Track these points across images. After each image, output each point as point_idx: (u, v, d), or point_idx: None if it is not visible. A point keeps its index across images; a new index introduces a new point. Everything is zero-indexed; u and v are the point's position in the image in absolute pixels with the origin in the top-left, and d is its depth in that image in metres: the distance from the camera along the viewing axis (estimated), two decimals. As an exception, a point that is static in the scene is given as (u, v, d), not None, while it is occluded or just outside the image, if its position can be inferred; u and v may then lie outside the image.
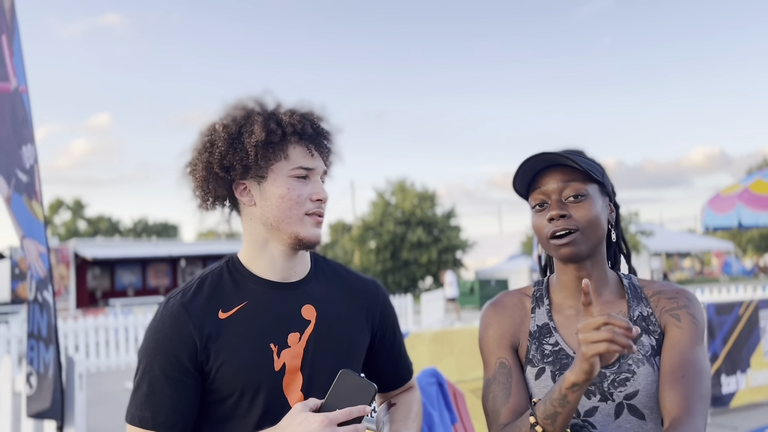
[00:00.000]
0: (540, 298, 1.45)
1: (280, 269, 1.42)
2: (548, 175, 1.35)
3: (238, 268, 1.43)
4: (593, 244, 1.35)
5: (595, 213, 1.33)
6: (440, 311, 15.84)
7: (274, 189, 1.37)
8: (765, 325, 6.70)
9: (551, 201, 1.34)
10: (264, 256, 1.41)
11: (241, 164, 1.36)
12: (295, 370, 1.36)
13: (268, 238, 1.40)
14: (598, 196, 1.36)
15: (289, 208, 1.37)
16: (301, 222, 1.38)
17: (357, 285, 1.54)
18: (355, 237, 38.75)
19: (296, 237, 1.38)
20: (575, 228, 1.32)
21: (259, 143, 1.34)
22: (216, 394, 1.34)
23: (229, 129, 1.37)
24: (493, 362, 1.40)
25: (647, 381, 1.30)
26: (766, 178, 11.37)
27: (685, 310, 1.36)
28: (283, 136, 1.36)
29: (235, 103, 1.41)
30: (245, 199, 1.40)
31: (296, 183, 1.38)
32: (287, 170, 1.37)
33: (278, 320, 1.38)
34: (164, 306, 1.36)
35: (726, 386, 6.30)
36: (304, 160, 1.39)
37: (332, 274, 1.53)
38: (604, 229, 1.36)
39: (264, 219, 1.39)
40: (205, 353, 1.31)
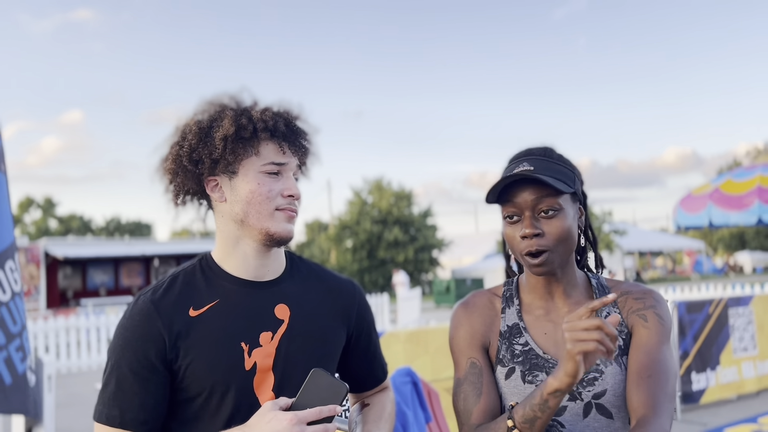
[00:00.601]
0: (510, 298, 1.45)
1: (253, 267, 1.40)
2: (521, 187, 1.33)
3: (211, 266, 1.41)
4: (565, 258, 1.36)
5: (568, 226, 1.33)
6: (417, 310, 15.87)
7: (244, 184, 1.36)
8: (734, 322, 6.82)
9: (524, 216, 1.33)
10: (236, 254, 1.40)
11: (210, 158, 1.34)
12: (266, 370, 1.35)
13: (240, 235, 1.39)
14: (570, 206, 1.36)
15: (259, 203, 1.35)
16: (271, 217, 1.36)
17: (334, 285, 1.53)
18: (331, 236, 38.69)
19: (266, 232, 1.36)
20: (548, 248, 1.31)
21: (228, 137, 1.33)
22: (185, 393, 1.32)
23: (200, 123, 1.36)
24: (464, 362, 1.40)
25: (615, 380, 1.32)
26: (736, 179, 11.59)
27: (652, 310, 1.37)
28: (254, 132, 1.35)
29: (210, 98, 1.40)
30: (216, 195, 1.39)
31: (267, 178, 1.36)
32: (258, 166, 1.36)
33: (250, 319, 1.36)
34: (134, 304, 1.35)
35: (696, 383, 6.40)
36: (275, 156, 1.37)
37: (308, 274, 1.51)
38: (576, 238, 1.37)
39: (234, 215, 1.37)
40: (174, 351, 1.30)
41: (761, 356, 7.04)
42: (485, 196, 1.35)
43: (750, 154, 52.94)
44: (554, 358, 1.35)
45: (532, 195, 1.31)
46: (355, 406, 1.62)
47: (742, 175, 11.58)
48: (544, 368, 1.35)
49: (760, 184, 10.87)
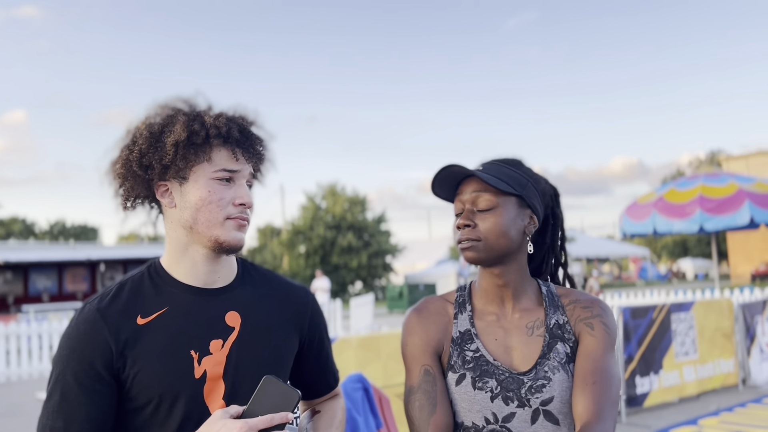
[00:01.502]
0: (462, 304, 1.47)
1: (203, 274, 1.38)
2: (466, 184, 1.42)
3: (160, 273, 1.38)
4: (498, 253, 1.39)
5: (501, 224, 1.38)
6: (369, 316, 15.86)
7: (194, 191, 1.33)
8: (676, 327, 7.04)
9: (464, 210, 1.41)
10: (185, 261, 1.37)
11: (160, 164, 1.32)
12: (216, 378, 1.33)
13: (189, 242, 1.36)
14: (512, 208, 1.40)
15: (210, 211, 1.33)
16: (221, 225, 1.34)
17: (286, 291, 1.51)
18: (284, 241, 38.35)
19: (216, 240, 1.34)
20: (477, 238, 1.38)
21: (179, 143, 1.31)
22: (133, 403, 1.29)
23: (152, 127, 1.34)
24: (417, 369, 1.40)
25: (562, 387, 1.34)
26: (679, 188, 11.97)
27: (598, 319, 1.41)
28: (206, 138, 1.33)
29: (163, 102, 1.38)
30: (166, 200, 1.36)
31: (218, 186, 1.34)
32: (209, 172, 1.33)
33: (200, 327, 1.34)
34: (80, 312, 1.31)
35: (640, 387, 6.57)
36: (227, 162, 1.35)
37: (260, 280, 1.49)
38: (513, 239, 1.40)
39: (183, 222, 1.35)
40: (122, 360, 1.27)
41: (702, 360, 7.29)
42: (431, 188, 1.44)
43: (692, 164, 54.82)
44: (504, 364, 1.37)
45: (473, 191, 1.40)
46: (306, 413, 1.61)
47: (685, 185, 11.98)
48: (494, 375, 1.36)
49: (702, 193, 11.26)
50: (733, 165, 39.86)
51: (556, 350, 1.38)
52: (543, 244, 1.53)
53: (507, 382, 1.35)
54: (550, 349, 1.38)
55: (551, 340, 1.39)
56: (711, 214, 10.99)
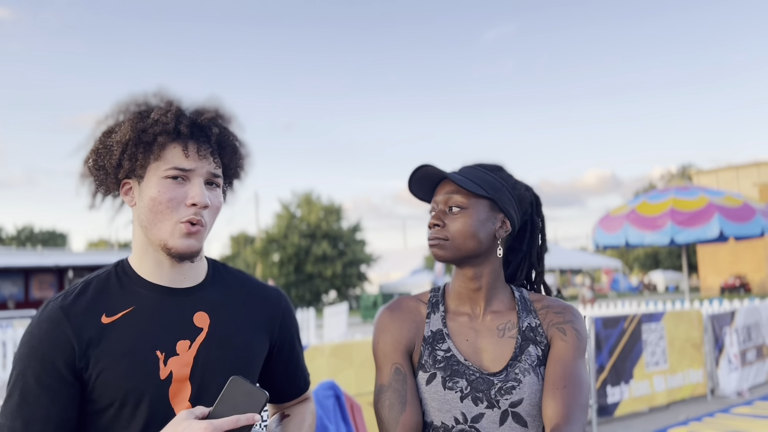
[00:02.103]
0: (436, 304, 1.47)
1: (168, 274, 1.34)
2: (441, 186, 1.45)
3: (127, 271, 1.35)
4: (465, 254, 1.41)
5: (469, 225, 1.40)
6: (343, 325, 15.79)
7: (147, 190, 1.29)
8: (647, 338, 7.11)
9: (437, 210, 1.44)
10: (148, 260, 1.34)
11: (110, 164, 1.30)
12: (183, 380, 1.29)
13: (148, 242, 1.33)
14: (483, 210, 1.41)
15: (160, 212, 1.27)
16: (171, 230, 1.28)
17: (258, 293, 1.48)
18: (258, 249, 38.12)
19: (165, 246, 1.29)
20: (445, 237, 1.41)
21: (126, 142, 1.27)
22: (96, 404, 1.25)
23: (106, 127, 1.32)
24: (388, 367, 1.40)
25: (532, 390, 1.35)
26: (651, 201, 12.14)
27: (570, 324, 1.43)
28: (155, 135, 1.27)
29: (122, 100, 1.34)
30: (127, 198, 1.34)
31: (169, 185, 1.27)
32: (161, 171, 1.28)
33: (166, 327, 1.30)
34: (42, 310, 1.27)
35: (611, 396, 6.61)
36: (179, 160, 1.28)
37: (231, 281, 1.45)
38: (482, 241, 1.41)
39: (141, 221, 1.32)
40: (85, 360, 1.23)
41: (671, 370, 7.37)
42: (408, 186, 1.47)
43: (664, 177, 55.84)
44: (474, 365, 1.37)
45: (446, 192, 1.43)
46: (275, 417, 1.58)
47: (657, 198, 12.15)
48: (464, 375, 1.36)
49: (673, 206, 11.43)
50: (704, 179, 40.67)
51: (528, 352, 1.39)
52: (519, 251, 1.54)
53: (477, 382, 1.35)
54: (522, 351, 1.39)
55: (523, 342, 1.40)
56: (682, 226, 11.16)
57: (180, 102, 1.33)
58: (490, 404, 1.34)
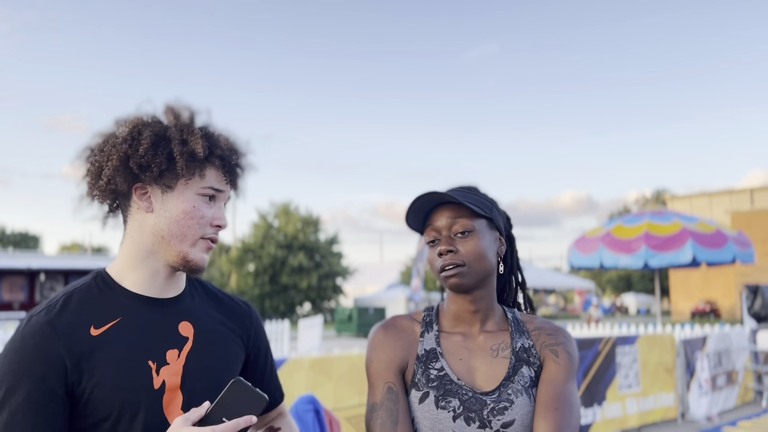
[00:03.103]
0: (430, 324, 1.48)
1: (158, 285, 1.36)
2: (439, 212, 1.43)
3: (108, 282, 1.34)
4: (480, 276, 1.42)
5: (481, 247, 1.41)
6: (317, 338, 15.69)
7: (178, 203, 1.33)
8: (621, 360, 7.19)
9: (441, 237, 1.42)
10: (144, 268, 1.35)
11: (159, 168, 1.30)
12: (175, 389, 1.30)
13: (154, 251, 1.34)
14: (486, 230, 1.44)
15: (189, 226, 1.33)
16: (194, 244, 1.34)
17: (230, 305, 1.52)
18: (233, 259, 37.77)
19: (184, 258, 1.34)
20: (462, 262, 1.40)
21: (188, 155, 1.31)
22: (90, 418, 1.23)
23: (161, 128, 1.33)
24: (381, 386, 1.40)
25: (524, 411, 1.36)
26: (626, 224, 12.30)
27: (562, 346, 1.45)
28: (209, 156, 1.34)
29: (173, 105, 1.38)
30: (144, 203, 1.34)
31: (202, 202, 1.34)
32: (198, 187, 1.34)
33: (155, 336, 1.31)
34: (26, 325, 1.24)
35: (584, 418, 6.67)
36: (216, 182, 1.36)
37: (206, 293, 1.49)
38: (492, 261, 1.44)
39: (157, 229, 1.33)
40: (77, 374, 1.21)
41: (644, 393, 7.45)
42: (405, 218, 1.45)
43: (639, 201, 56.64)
44: (467, 384, 1.38)
45: (448, 217, 1.42)
46: (262, 431, 1.58)
47: (632, 221, 12.32)
48: (457, 394, 1.37)
49: (648, 230, 11.60)
50: (678, 205, 41.33)
51: (521, 373, 1.40)
52: (506, 266, 1.57)
53: (470, 402, 1.36)
54: (516, 371, 1.40)
55: (517, 363, 1.41)
56: (656, 251, 11.32)
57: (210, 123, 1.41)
58: (482, 424, 1.35)
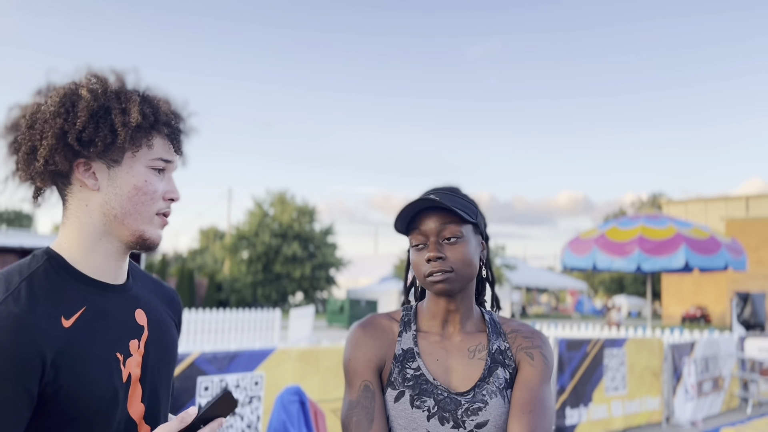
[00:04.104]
0: (408, 323, 1.49)
1: (113, 269, 1.27)
2: (427, 216, 1.42)
3: (65, 266, 1.21)
4: (467, 281, 1.44)
5: (469, 253, 1.42)
6: (308, 328, 15.71)
7: (128, 177, 1.23)
8: (608, 362, 7.22)
9: (429, 242, 1.42)
10: (97, 252, 1.24)
11: (104, 142, 1.19)
12: (136, 381, 1.24)
13: (106, 232, 1.24)
14: (472, 236, 1.44)
15: (142, 203, 1.24)
16: (149, 221, 1.26)
17: (166, 291, 1.47)
18: (227, 245, 37.78)
19: (140, 236, 1.25)
20: (450, 269, 1.40)
21: (132, 125, 1.20)
22: (63, 416, 1.13)
23: (95, 98, 1.21)
24: (358, 384, 1.41)
25: (497, 412, 1.37)
26: (620, 227, 12.34)
27: (538, 350, 1.46)
28: (154, 124, 1.24)
29: (96, 71, 1.26)
30: (88, 181, 1.22)
31: (153, 176, 1.25)
32: (147, 159, 1.24)
33: (119, 327, 1.24)
34: None
35: (569, 418, 6.70)
36: (164, 152, 1.27)
37: (144, 278, 1.42)
38: (477, 266, 1.45)
39: (107, 208, 1.23)
40: (54, 370, 1.11)
41: (630, 396, 7.49)
42: (394, 223, 1.43)
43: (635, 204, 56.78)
44: (443, 384, 1.39)
45: (436, 222, 1.41)
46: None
47: (627, 224, 12.36)
48: (432, 394, 1.38)
49: (642, 234, 11.64)
50: (673, 209, 41.41)
51: (496, 375, 1.41)
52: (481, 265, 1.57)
53: (445, 402, 1.37)
54: (491, 373, 1.41)
55: (492, 365, 1.42)
56: (649, 254, 11.37)
57: (149, 87, 1.30)
58: (456, 424, 1.36)
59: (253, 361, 4.22)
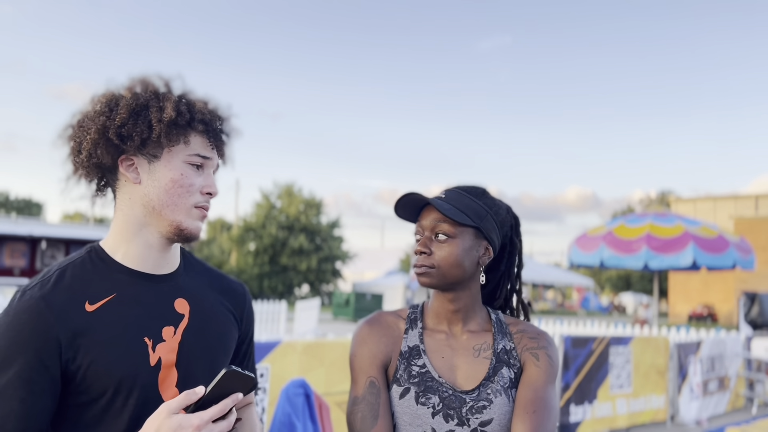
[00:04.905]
0: (414, 321, 1.51)
1: (153, 259, 1.34)
2: (428, 211, 1.46)
3: (102, 257, 1.32)
4: (450, 281, 1.45)
5: (455, 255, 1.43)
6: (314, 321, 15.75)
7: (166, 171, 1.31)
8: (614, 360, 7.21)
9: (423, 236, 1.45)
10: (137, 242, 1.33)
11: (140, 137, 1.29)
12: (170, 366, 1.29)
13: (146, 223, 1.33)
14: (468, 239, 1.44)
15: (179, 195, 1.31)
16: (187, 212, 1.33)
17: (225, 284, 1.50)
18: (234, 237, 37.89)
19: (178, 227, 1.32)
20: (432, 265, 1.43)
21: (166, 121, 1.29)
22: (86, 395, 1.22)
23: (136, 98, 1.31)
24: (363, 380, 1.42)
25: (502, 411, 1.38)
26: (628, 224, 12.30)
27: (544, 350, 1.47)
28: (190, 121, 1.32)
29: (143, 77, 1.36)
30: (131, 175, 1.32)
31: (190, 170, 1.33)
32: (184, 155, 1.32)
33: (151, 313, 1.30)
34: (19, 300, 1.22)
35: (574, 415, 6.70)
36: (202, 149, 1.35)
37: (202, 270, 1.48)
38: (467, 269, 1.44)
39: (147, 200, 1.31)
40: (72, 350, 1.20)
41: (634, 394, 7.48)
42: (394, 208, 1.48)
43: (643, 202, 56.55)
44: (448, 382, 1.41)
45: (431, 219, 1.44)
46: None
47: (634, 222, 12.31)
48: (437, 391, 1.39)
49: (650, 231, 11.60)
50: (682, 207, 41.23)
51: (500, 374, 1.42)
52: (497, 271, 1.58)
53: (449, 399, 1.38)
54: (496, 372, 1.43)
55: (497, 364, 1.44)
56: (656, 252, 11.32)
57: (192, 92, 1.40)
58: (461, 422, 1.37)
59: (259, 353, 4.24)
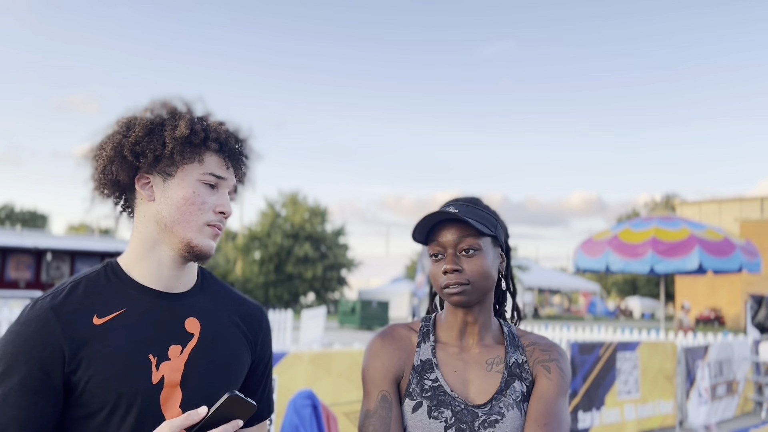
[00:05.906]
0: (426, 334, 1.50)
1: (166, 277, 1.35)
2: (446, 227, 1.43)
3: (117, 273, 1.34)
4: (482, 294, 1.44)
5: (486, 266, 1.42)
6: (320, 329, 15.74)
7: (179, 189, 1.32)
8: (621, 366, 7.18)
9: (447, 254, 1.42)
10: (150, 260, 1.34)
11: (154, 154, 1.30)
12: (174, 385, 1.29)
13: (159, 240, 1.34)
14: (490, 248, 1.45)
15: (191, 212, 1.32)
16: (199, 230, 1.33)
17: (243, 307, 1.49)
18: (239, 246, 37.92)
19: (188, 244, 1.32)
20: (466, 281, 1.40)
21: (179, 138, 1.31)
22: (85, 408, 1.23)
23: (153, 117, 1.34)
24: (376, 394, 1.42)
25: (514, 425, 1.38)
26: (633, 228, 12.26)
27: (555, 363, 1.47)
28: (204, 140, 1.33)
29: (164, 99, 1.38)
30: (145, 192, 1.34)
31: (204, 189, 1.34)
32: (198, 173, 1.33)
33: (159, 331, 1.30)
34: (30, 309, 1.25)
35: (582, 422, 6.67)
36: (217, 168, 1.35)
37: (219, 291, 1.47)
38: (494, 279, 1.45)
39: (159, 217, 1.33)
40: (75, 362, 1.21)
41: (642, 400, 7.44)
42: (412, 233, 1.45)
43: (648, 205, 56.43)
44: (460, 396, 1.40)
45: (454, 235, 1.41)
46: None
47: (640, 226, 12.27)
48: (450, 405, 1.39)
49: (655, 235, 11.56)
50: (687, 210, 41.11)
51: (513, 388, 1.42)
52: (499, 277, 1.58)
53: (462, 413, 1.38)
54: (508, 386, 1.42)
55: (509, 378, 1.43)
56: (662, 256, 11.28)
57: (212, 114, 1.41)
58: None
59: (266, 364, 4.21)
